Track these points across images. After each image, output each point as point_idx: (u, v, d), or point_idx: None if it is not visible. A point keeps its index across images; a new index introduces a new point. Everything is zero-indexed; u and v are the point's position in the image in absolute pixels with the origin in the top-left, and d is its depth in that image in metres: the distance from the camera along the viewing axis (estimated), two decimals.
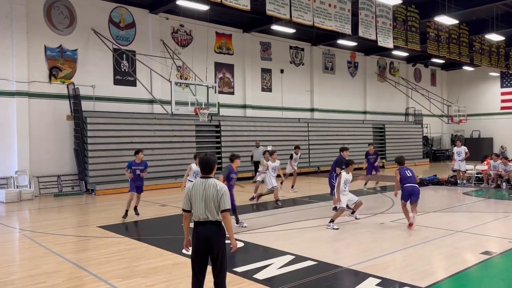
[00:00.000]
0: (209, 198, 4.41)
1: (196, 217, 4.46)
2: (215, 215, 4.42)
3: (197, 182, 4.53)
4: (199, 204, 4.42)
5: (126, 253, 7.38)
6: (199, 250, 4.43)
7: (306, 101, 25.35)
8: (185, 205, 4.56)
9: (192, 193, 4.49)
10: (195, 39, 20.02)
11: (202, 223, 4.43)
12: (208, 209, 4.40)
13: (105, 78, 17.54)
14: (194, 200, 4.46)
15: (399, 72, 31.47)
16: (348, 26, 17.29)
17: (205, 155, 4.67)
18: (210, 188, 4.44)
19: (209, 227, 4.41)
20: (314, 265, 6.46)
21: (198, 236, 4.41)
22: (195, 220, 4.49)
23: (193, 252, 4.47)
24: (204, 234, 4.40)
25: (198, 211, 4.43)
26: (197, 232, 4.44)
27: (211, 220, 4.41)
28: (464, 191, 15.16)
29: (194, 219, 4.49)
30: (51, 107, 16.16)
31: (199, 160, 4.66)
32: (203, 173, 4.62)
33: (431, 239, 7.98)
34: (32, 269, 6.58)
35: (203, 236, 4.40)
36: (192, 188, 4.51)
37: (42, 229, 9.54)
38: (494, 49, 25.42)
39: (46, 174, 15.81)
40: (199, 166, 4.64)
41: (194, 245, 4.46)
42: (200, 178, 4.57)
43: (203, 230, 4.41)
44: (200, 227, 4.43)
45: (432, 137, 33.85)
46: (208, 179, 4.52)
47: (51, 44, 16.24)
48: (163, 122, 18.16)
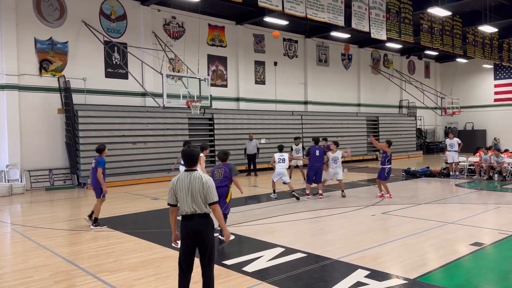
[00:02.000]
0: (195, 191, 4.34)
1: (183, 211, 4.40)
2: (203, 207, 4.37)
3: (182, 175, 4.44)
4: (186, 198, 4.35)
5: (116, 247, 7.33)
6: (188, 244, 4.38)
7: (299, 93, 25.28)
8: (170, 199, 4.49)
9: (177, 187, 4.41)
10: (187, 31, 19.86)
11: (190, 217, 4.37)
12: (195, 202, 4.34)
13: (96, 71, 17.36)
14: (180, 194, 4.38)
15: (393, 64, 31.44)
16: (341, 18, 17.19)
17: (187, 147, 4.54)
18: (196, 181, 4.36)
19: (197, 220, 4.36)
20: (303, 257, 6.45)
21: (187, 230, 4.37)
22: (182, 214, 4.43)
23: (182, 246, 4.42)
24: (192, 228, 4.36)
25: (185, 204, 4.36)
26: (185, 226, 4.39)
27: (198, 213, 4.36)
28: (456, 182, 15.21)
29: (181, 213, 4.44)
30: (41, 100, 15.99)
31: (182, 152, 4.53)
32: (187, 166, 4.51)
33: (422, 231, 7.99)
34: (20, 264, 6.52)
35: (191, 229, 4.36)
36: (177, 182, 4.42)
37: (32, 223, 9.47)
38: (488, 41, 25.42)
39: (37, 167, 15.68)
40: (183, 159, 4.50)
41: (182, 239, 4.41)
42: (185, 171, 4.47)
43: (191, 223, 4.36)
44: (188, 221, 4.38)
45: (426, 130, 33.94)
46: (192, 172, 4.43)
47: (41, 36, 16.03)
48: (155, 115, 18.04)
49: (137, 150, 17.31)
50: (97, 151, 9.46)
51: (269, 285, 5.29)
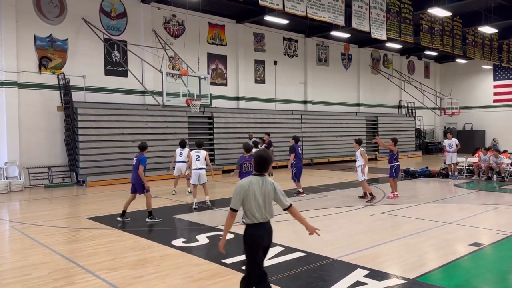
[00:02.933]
0: (269, 197, 4.12)
1: (254, 218, 4.09)
2: (273, 215, 4.20)
3: (253, 180, 4.13)
4: (259, 205, 4.07)
5: (115, 245, 7.32)
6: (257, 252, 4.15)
7: (299, 93, 25.28)
8: (237, 204, 4.13)
9: (249, 192, 4.08)
10: (187, 30, 19.83)
11: (262, 225, 4.12)
12: (266, 209, 4.12)
13: (96, 68, 17.34)
14: (252, 201, 4.06)
15: (392, 64, 31.44)
16: (341, 18, 17.19)
17: (262, 151, 4.28)
18: (268, 187, 4.14)
19: (269, 228, 4.20)
20: (303, 256, 6.45)
21: (260, 239, 4.12)
22: (252, 222, 4.11)
23: (255, 258, 4.14)
24: (265, 236, 4.15)
25: (258, 211, 4.08)
26: (257, 235, 4.11)
27: (268, 220, 4.17)
28: (455, 183, 15.22)
29: (251, 220, 4.11)
30: (41, 97, 15.97)
31: (257, 157, 4.19)
32: (260, 170, 4.19)
33: (421, 231, 8.00)
34: (19, 261, 6.51)
35: (264, 238, 4.14)
36: (250, 187, 4.09)
37: (31, 221, 9.46)
38: (487, 42, 25.44)
39: (36, 165, 15.66)
40: (255, 163, 4.20)
41: (254, 250, 4.13)
42: (256, 176, 4.17)
43: (264, 232, 4.14)
44: (260, 229, 4.12)
45: (425, 130, 33.98)
46: (264, 177, 4.17)
47: (41, 33, 16.00)
48: (155, 113, 18.03)
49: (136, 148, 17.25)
50: (140, 148, 9.49)
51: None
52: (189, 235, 7.88)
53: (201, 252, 6.73)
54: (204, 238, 7.58)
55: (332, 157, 24.35)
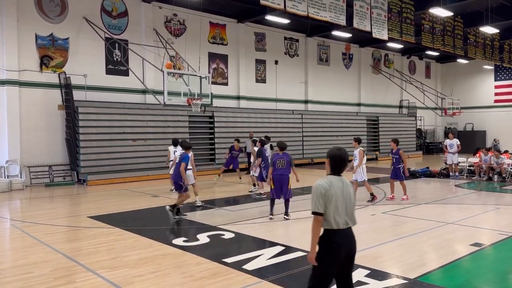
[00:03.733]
0: (348, 199, 3.74)
1: (335, 223, 3.66)
2: (354, 219, 3.81)
3: (333, 181, 3.74)
4: (340, 208, 3.68)
5: (116, 244, 7.33)
6: (334, 266, 3.70)
7: (300, 92, 25.27)
8: (320, 207, 3.65)
9: (331, 193, 3.66)
10: (188, 29, 19.84)
11: (343, 231, 3.69)
12: (348, 213, 3.73)
13: (97, 67, 17.35)
14: (334, 203, 3.65)
15: (393, 64, 31.43)
16: (342, 17, 17.17)
17: (338, 150, 3.86)
18: (348, 188, 3.77)
19: (351, 235, 3.77)
20: (303, 256, 6.44)
21: (343, 249, 3.67)
22: (333, 227, 3.67)
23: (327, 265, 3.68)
24: (345, 244, 3.70)
25: (339, 216, 3.66)
26: (338, 242, 3.66)
27: (350, 226, 3.76)
28: (456, 183, 15.21)
29: (331, 226, 3.68)
30: (42, 96, 15.98)
31: (335, 157, 3.82)
32: (337, 171, 3.83)
33: (422, 231, 8.00)
34: (20, 259, 6.52)
35: (347, 246, 3.70)
36: (331, 188, 3.67)
37: (32, 219, 9.46)
38: (489, 42, 25.42)
39: (37, 164, 15.67)
40: (332, 164, 3.83)
41: (330, 257, 3.67)
42: (335, 176, 3.79)
43: (346, 239, 3.71)
44: (342, 236, 3.68)
45: (426, 130, 33.96)
46: (342, 178, 3.81)
47: (42, 32, 16.01)
48: (156, 113, 18.03)
49: (137, 147, 17.32)
50: (185, 148, 9.53)
51: (269, 283, 5.29)
52: (189, 235, 7.88)
53: (202, 251, 6.72)
54: (205, 237, 7.58)
55: None
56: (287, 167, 9.10)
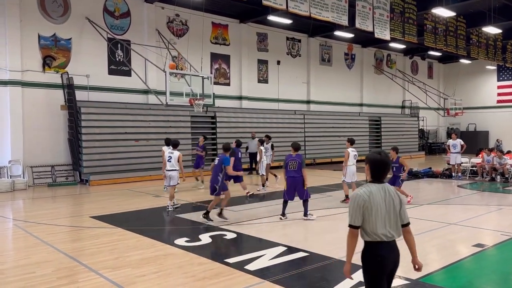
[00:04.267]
0: (392, 209, 3.43)
1: (376, 236, 3.38)
2: (400, 232, 3.50)
3: (373, 189, 3.42)
4: (382, 219, 3.38)
5: (118, 244, 7.34)
6: (382, 279, 3.45)
7: (302, 93, 25.26)
8: (356, 220, 3.40)
9: (371, 203, 3.37)
10: (190, 29, 19.85)
11: (385, 244, 3.40)
12: (390, 225, 3.42)
13: (100, 67, 17.38)
14: (374, 214, 3.36)
15: (396, 64, 31.39)
16: (345, 17, 17.17)
17: (379, 154, 3.52)
18: (391, 197, 3.45)
19: (395, 249, 3.47)
20: (305, 256, 6.45)
21: (384, 263, 3.40)
22: (375, 240, 3.39)
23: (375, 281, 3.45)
24: (390, 259, 3.43)
25: (381, 227, 3.37)
26: (380, 255, 3.39)
27: (395, 239, 3.46)
28: (458, 184, 15.18)
29: (373, 238, 3.40)
30: (45, 96, 16.01)
31: (376, 161, 3.48)
32: (379, 177, 3.50)
33: (424, 231, 7.98)
34: (22, 259, 6.53)
35: (389, 261, 3.43)
36: (370, 198, 3.38)
37: (34, 219, 9.48)
38: (491, 42, 25.36)
39: (40, 164, 15.71)
40: (372, 169, 3.50)
41: (376, 272, 3.44)
42: (375, 184, 3.47)
43: (389, 253, 3.41)
44: (384, 248, 3.39)
45: (428, 130, 33.89)
46: (384, 185, 3.48)
47: (45, 32, 16.05)
48: (158, 113, 18.05)
49: (139, 147, 17.34)
50: (224, 149, 9.26)
51: (271, 284, 5.29)
52: (191, 235, 7.89)
53: (204, 252, 6.73)
54: (207, 238, 7.59)
55: (335, 157, 24.29)
56: (298, 169, 9.02)
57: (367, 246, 3.46)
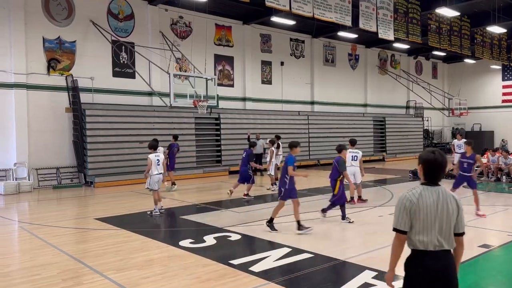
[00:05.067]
0: (445, 216, 3.06)
1: (421, 244, 3.06)
2: (452, 241, 3.10)
3: (424, 192, 3.09)
4: (432, 225, 3.04)
5: (123, 245, 7.35)
6: None
7: (306, 94, 25.23)
8: (402, 223, 3.09)
9: (420, 207, 3.04)
10: (194, 31, 19.89)
11: (433, 254, 3.04)
12: (442, 232, 3.05)
13: (104, 70, 17.45)
14: (423, 219, 3.04)
15: (400, 64, 31.30)
16: (348, 18, 17.15)
17: (433, 153, 3.15)
18: (447, 202, 3.08)
19: (444, 260, 3.06)
20: (310, 257, 6.43)
21: (432, 274, 3.01)
22: (421, 248, 3.06)
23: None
24: (439, 271, 3.03)
25: (430, 235, 3.04)
26: (427, 267, 3.02)
27: (445, 249, 3.07)
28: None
29: (416, 246, 3.08)
30: (49, 99, 16.08)
31: (430, 161, 3.12)
32: (432, 179, 3.14)
33: None
34: (28, 261, 6.56)
35: (438, 273, 3.02)
36: (419, 201, 3.05)
37: (40, 221, 9.52)
38: (496, 42, 25.25)
39: (45, 166, 15.78)
40: (425, 170, 3.14)
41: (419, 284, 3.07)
42: (428, 187, 3.12)
43: (437, 264, 3.03)
44: (431, 260, 3.03)
45: (433, 130, 33.76)
46: (439, 188, 3.11)
47: (50, 35, 16.12)
48: (162, 115, 18.09)
49: (144, 149, 17.31)
50: (290, 147, 8.47)
51: (276, 285, 5.28)
52: (196, 236, 7.89)
53: (209, 253, 6.73)
54: (212, 239, 7.59)
55: None
56: (334, 171, 8.96)
57: (412, 256, 3.14)
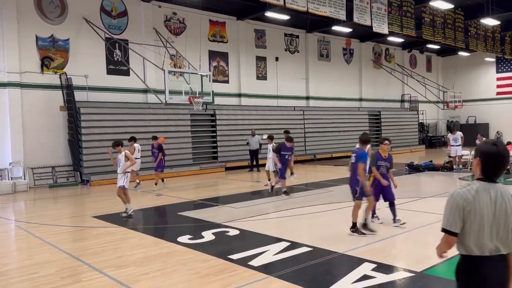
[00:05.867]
0: (503, 217, 2.70)
1: (477, 249, 2.71)
2: (510, 245, 2.75)
3: (480, 189, 2.71)
4: (488, 228, 2.69)
5: (121, 243, 7.33)
6: None
7: (301, 89, 25.21)
8: (453, 224, 2.74)
9: (475, 206, 2.68)
10: (188, 27, 19.80)
11: (490, 260, 2.71)
12: (498, 236, 2.70)
13: (98, 67, 17.34)
14: (480, 219, 2.68)
15: (394, 58, 31.33)
16: (342, 12, 17.13)
17: (494, 145, 2.76)
18: (505, 201, 2.71)
19: (503, 267, 2.74)
20: (309, 251, 6.43)
21: (487, 284, 2.69)
22: (477, 253, 2.71)
23: None
24: (498, 280, 2.71)
25: (486, 238, 2.70)
26: (482, 276, 2.69)
27: (502, 253, 2.73)
28: (460, 176, 15.17)
29: (471, 251, 2.73)
30: (44, 97, 15.98)
31: (492, 155, 2.72)
32: (491, 175, 2.76)
33: (427, 224, 7.97)
34: (25, 260, 6.53)
35: (497, 282, 2.71)
36: (475, 200, 2.69)
37: (36, 220, 9.47)
38: (490, 34, 25.31)
39: (40, 165, 15.69)
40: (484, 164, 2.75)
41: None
42: (485, 183, 2.74)
43: (493, 272, 2.70)
44: (487, 267, 2.70)
45: (428, 124, 33.87)
46: (497, 185, 2.75)
47: (43, 33, 16.00)
48: (157, 112, 18.03)
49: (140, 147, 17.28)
50: (361, 141, 7.62)
51: (276, 279, 5.28)
52: (194, 232, 7.88)
53: (207, 248, 6.71)
54: (210, 235, 7.58)
55: (335, 152, 24.31)
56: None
57: (464, 262, 2.77)
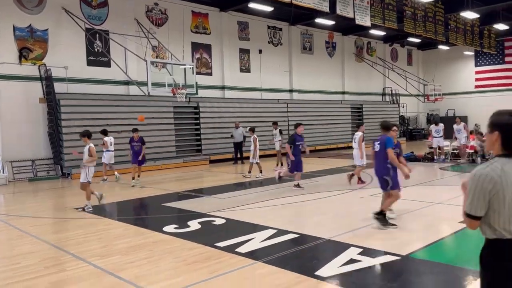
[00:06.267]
0: None
1: (506, 231, 2.41)
2: None
3: (506, 167, 2.40)
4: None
5: (105, 233, 7.22)
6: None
7: (285, 82, 25.23)
8: (478, 208, 2.44)
9: (503, 186, 2.37)
10: (170, 18, 19.55)
11: None
12: None
13: (78, 59, 16.99)
14: (509, 201, 2.37)
15: (376, 52, 31.60)
16: (326, 4, 17.18)
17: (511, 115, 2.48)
18: None
19: None
20: (296, 237, 6.45)
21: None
22: (505, 237, 2.41)
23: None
24: None
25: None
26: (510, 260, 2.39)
27: None
28: (440, 166, 15.43)
29: (502, 235, 2.42)
30: (22, 89, 15.59)
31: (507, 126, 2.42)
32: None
33: (411, 211, 8.08)
34: (6, 251, 6.39)
35: None
36: (502, 178, 2.37)
37: (16, 213, 9.26)
38: (469, 28, 25.76)
39: (19, 158, 15.33)
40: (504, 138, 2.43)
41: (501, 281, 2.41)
42: (508, 159, 2.44)
43: None
44: None
45: (409, 117, 34.33)
46: None
47: (20, 23, 15.58)
48: (140, 104, 17.79)
49: (122, 139, 17.05)
50: (383, 127, 7.23)
51: (264, 264, 5.28)
52: (180, 222, 7.81)
53: (194, 237, 6.66)
54: (196, 224, 7.53)
55: (319, 145, 24.44)
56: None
57: (493, 247, 2.46)
